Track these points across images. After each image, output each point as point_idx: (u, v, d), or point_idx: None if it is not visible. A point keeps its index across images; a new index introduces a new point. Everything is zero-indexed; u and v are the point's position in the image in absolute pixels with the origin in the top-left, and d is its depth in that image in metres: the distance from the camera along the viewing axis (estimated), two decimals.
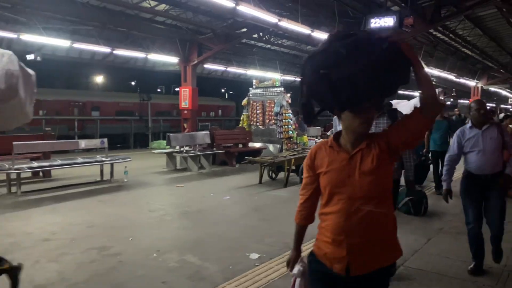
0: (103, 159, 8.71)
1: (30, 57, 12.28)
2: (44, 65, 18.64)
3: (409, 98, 16.71)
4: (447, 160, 3.98)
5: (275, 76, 18.14)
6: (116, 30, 13.49)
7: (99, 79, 36.19)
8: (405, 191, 6.14)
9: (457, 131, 3.99)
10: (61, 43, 12.32)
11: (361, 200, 1.68)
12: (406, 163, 3.89)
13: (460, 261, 4.11)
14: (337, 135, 1.84)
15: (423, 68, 1.65)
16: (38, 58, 12.50)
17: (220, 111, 28.85)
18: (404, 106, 9.41)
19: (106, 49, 13.67)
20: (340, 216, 1.70)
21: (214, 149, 11.40)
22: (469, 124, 3.93)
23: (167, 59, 15.07)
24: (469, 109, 3.99)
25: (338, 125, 9.00)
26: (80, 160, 8.53)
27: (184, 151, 10.55)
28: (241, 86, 21.36)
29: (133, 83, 36.24)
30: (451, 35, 14.75)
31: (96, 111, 21.12)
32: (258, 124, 13.60)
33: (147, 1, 11.06)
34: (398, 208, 6.17)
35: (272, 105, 13.20)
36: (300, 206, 1.96)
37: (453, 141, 4.02)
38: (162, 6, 11.71)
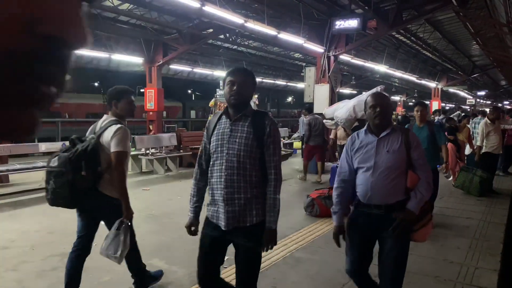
0: None
1: None
2: None
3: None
4: (336, 181, 2.77)
5: None
6: None
7: None
8: None
9: (349, 137, 2.83)
10: None
11: None
12: (268, 199, 2.37)
13: (423, 257, 4.24)
14: None
15: None
16: None
17: (164, 112, 27.13)
18: (342, 109, 8.57)
19: None
20: None
21: (181, 151, 11.27)
22: (365, 127, 2.70)
23: (132, 60, 14.77)
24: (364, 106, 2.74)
25: (302, 127, 8.73)
26: (40, 164, 8.20)
27: (150, 153, 10.35)
28: (208, 87, 21.20)
29: (96, 84, 35.30)
30: (412, 38, 15.23)
31: None
32: None
33: (110, 0, 10.80)
34: None
35: None
36: None
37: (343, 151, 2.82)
38: (126, 6, 11.47)
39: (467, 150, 9.03)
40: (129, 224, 3.20)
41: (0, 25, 0.27)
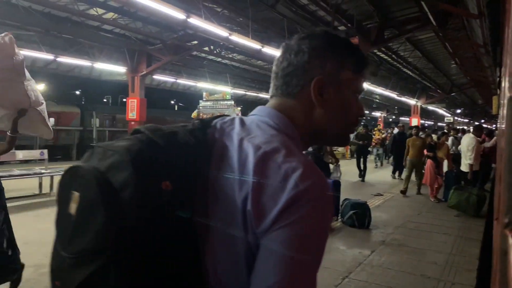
0: (43, 171, 8.25)
1: None
2: None
3: None
4: None
5: (226, 89, 18.21)
6: (61, 37, 12.95)
7: (40, 87, 34.56)
8: (350, 204, 6.33)
9: None
10: None
11: None
12: None
13: (401, 272, 4.28)
14: None
15: None
16: None
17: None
18: None
19: (49, 56, 12.96)
20: None
21: None
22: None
23: (114, 69, 14.66)
24: None
25: None
26: (16, 172, 8.02)
27: None
28: (191, 99, 21.17)
29: (77, 92, 34.94)
30: (393, 55, 15.59)
31: None
32: None
33: (94, 9, 10.74)
34: (343, 221, 6.35)
35: None
36: None
37: None
38: (110, 15, 11.43)
39: (445, 167, 9.20)
40: None
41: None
